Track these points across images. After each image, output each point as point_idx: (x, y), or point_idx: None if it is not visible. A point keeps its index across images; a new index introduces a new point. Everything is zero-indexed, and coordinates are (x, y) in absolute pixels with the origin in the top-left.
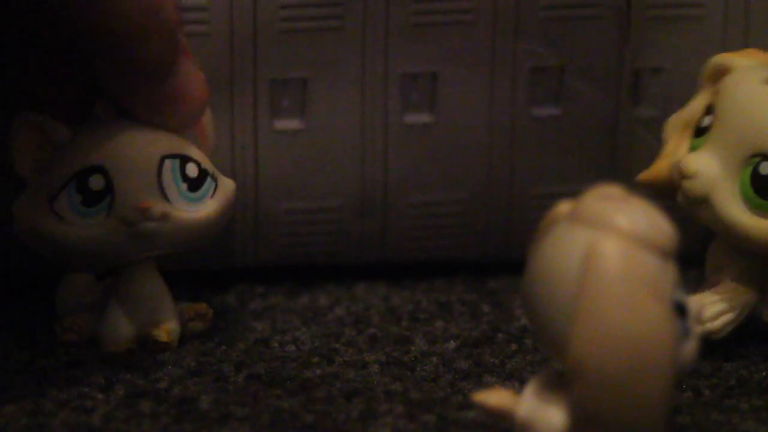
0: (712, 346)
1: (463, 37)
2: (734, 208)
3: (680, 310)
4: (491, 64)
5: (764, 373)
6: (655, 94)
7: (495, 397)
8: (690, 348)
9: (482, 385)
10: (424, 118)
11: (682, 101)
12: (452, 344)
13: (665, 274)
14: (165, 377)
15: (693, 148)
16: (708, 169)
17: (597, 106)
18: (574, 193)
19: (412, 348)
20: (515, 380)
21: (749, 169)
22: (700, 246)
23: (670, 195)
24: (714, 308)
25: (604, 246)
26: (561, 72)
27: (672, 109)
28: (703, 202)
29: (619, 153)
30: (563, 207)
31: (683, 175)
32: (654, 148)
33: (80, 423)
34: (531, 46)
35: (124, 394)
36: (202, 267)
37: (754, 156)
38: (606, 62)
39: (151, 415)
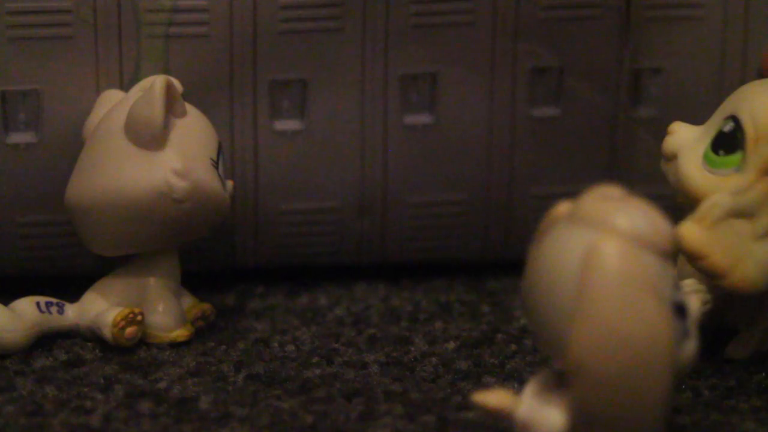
0: (712, 345)
1: (462, 38)
2: (692, 164)
3: (680, 310)
4: (491, 65)
5: (764, 374)
6: (654, 94)
7: (494, 397)
8: (690, 348)
9: (482, 385)
10: (424, 118)
11: (682, 101)
12: (452, 345)
13: (665, 274)
14: (165, 377)
15: None
16: (685, 129)
17: (596, 106)
18: (574, 193)
19: (412, 348)
20: (515, 380)
21: (717, 130)
22: None
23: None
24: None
25: (604, 246)
26: (561, 72)
27: (672, 109)
28: (672, 158)
29: (619, 153)
30: (563, 207)
31: (667, 133)
32: (654, 148)
33: (80, 423)
34: (531, 47)
35: (123, 394)
36: (203, 267)
37: (726, 118)
38: (606, 62)
39: (150, 416)
